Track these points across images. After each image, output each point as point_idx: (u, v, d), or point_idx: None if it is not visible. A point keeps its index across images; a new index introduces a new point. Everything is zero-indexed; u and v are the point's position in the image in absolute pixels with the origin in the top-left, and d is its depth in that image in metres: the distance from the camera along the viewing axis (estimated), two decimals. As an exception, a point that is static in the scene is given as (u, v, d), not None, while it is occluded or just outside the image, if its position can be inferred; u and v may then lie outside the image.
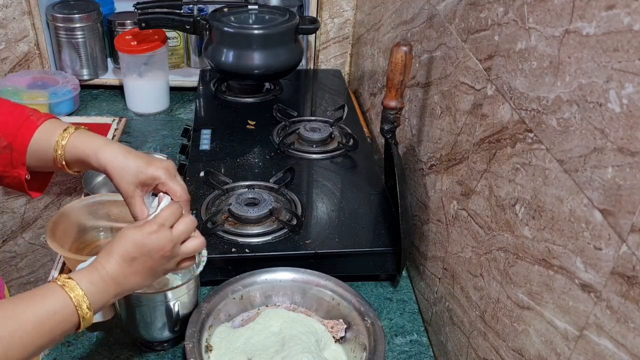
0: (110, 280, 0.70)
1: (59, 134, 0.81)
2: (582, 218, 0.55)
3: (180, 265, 0.78)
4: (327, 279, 0.95)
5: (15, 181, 0.84)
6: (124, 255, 0.71)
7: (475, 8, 0.81)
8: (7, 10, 1.61)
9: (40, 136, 0.82)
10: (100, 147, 0.80)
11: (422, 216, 1.05)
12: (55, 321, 0.65)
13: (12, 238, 2.03)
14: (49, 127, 0.82)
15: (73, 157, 0.81)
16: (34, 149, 0.82)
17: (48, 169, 0.86)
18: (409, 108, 1.13)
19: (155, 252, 0.72)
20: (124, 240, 0.72)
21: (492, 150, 0.75)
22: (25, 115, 0.83)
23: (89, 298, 0.67)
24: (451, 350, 0.91)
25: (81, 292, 0.67)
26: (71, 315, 0.66)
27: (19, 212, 2.00)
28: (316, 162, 1.27)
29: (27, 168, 0.83)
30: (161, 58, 1.55)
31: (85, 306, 0.67)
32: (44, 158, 0.82)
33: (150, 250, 0.72)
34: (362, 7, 1.62)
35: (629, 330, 0.48)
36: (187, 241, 0.77)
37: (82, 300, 0.66)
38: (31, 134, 0.81)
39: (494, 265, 0.75)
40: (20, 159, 0.82)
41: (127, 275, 0.71)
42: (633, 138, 0.48)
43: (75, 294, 0.66)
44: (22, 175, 0.83)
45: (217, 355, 0.87)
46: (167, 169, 0.80)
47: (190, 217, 0.78)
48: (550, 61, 0.60)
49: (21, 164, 0.82)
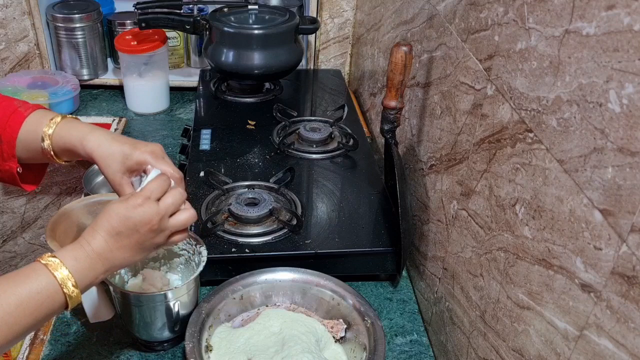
0: (96, 256, 0.68)
1: (45, 124, 0.80)
2: (582, 218, 0.55)
3: (171, 239, 0.76)
4: (327, 279, 0.95)
5: (8, 175, 0.83)
6: (109, 230, 0.69)
7: (475, 8, 0.81)
8: (7, 10, 1.61)
9: (28, 127, 0.80)
10: (85, 135, 0.79)
11: (422, 216, 1.05)
12: (39, 301, 0.63)
13: (12, 238, 2.03)
14: (37, 118, 0.81)
15: (60, 147, 0.80)
16: (22, 141, 0.81)
17: (39, 160, 0.84)
18: (409, 108, 1.13)
19: (141, 226, 0.70)
20: (108, 215, 0.70)
21: (492, 150, 0.75)
22: (13, 107, 0.82)
23: (74, 276, 0.65)
24: (451, 350, 0.91)
25: (66, 270, 0.65)
26: (56, 294, 0.65)
27: (19, 212, 2.00)
28: (316, 162, 1.27)
29: (19, 161, 0.82)
30: (161, 58, 1.55)
31: (71, 284, 0.65)
32: (33, 149, 0.81)
33: (136, 223, 0.70)
34: (362, 7, 1.62)
35: (629, 330, 0.48)
36: (177, 214, 0.75)
37: (67, 279, 0.65)
38: (19, 126, 0.80)
39: (494, 265, 0.75)
40: (11, 152, 0.81)
41: (114, 250, 0.69)
42: (633, 138, 0.48)
43: (60, 272, 0.65)
44: (14, 168, 0.82)
45: (217, 355, 0.87)
46: (154, 152, 0.79)
47: (178, 190, 0.76)
48: (550, 61, 0.60)
49: (12, 157, 0.81)
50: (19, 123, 0.81)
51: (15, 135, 0.81)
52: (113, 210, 0.71)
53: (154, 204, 0.72)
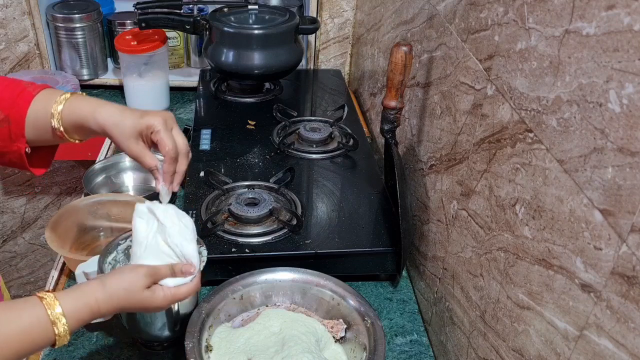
0: (97, 311, 0.69)
1: (54, 101, 0.80)
2: (582, 218, 0.55)
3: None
4: (327, 279, 0.95)
5: (16, 156, 0.83)
6: (119, 306, 0.71)
7: (475, 8, 0.81)
8: (7, 10, 1.61)
9: (37, 106, 0.80)
10: (96, 108, 0.79)
11: (422, 216, 1.05)
12: (31, 336, 0.64)
13: (12, 238, 2.04)
14: (45, 96, 0.81)
15: (71, 123, 0.80)
16: (31, 120, 0.80)
17: (48, 141, 0.84)
18: (409, 108, 1.13)
19: (150, 307, 0.73)
20: (122, 291, 0.70)
21: (492, 150, 0.75)
22: (21, 87, 0.82)
23: (67, 318, 0.65)
24: (451, 350, 0.91)
25: (60, 310, 0.65)
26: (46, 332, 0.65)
27: (19, 212, 2.00)
28: (316, 162, 1.27)
29: (27, 142, 0.82)
30: (161, 58, 1.55)
31: (61, 324, 0.65)
32: (42, 127, 0.81)
33: (147, 307, 0.73)
34: (362, 7, 1.62)
35: (629, 330, 0.48)
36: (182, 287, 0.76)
37: (58, 319, 0.65)
38: (28, 104, 0.80)
39: (494, 265, 0.75)
40: (19, 131, 0.80)
41: (112, 310, 0.71)
42: (633, 138, 0.48)
43: (52, 312, 0.65)
44: (22, 148, 0.82)
45: (217, 355, 0.87)
46: (164, 118, 0.79)
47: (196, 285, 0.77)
48: (550, 61, 0.60)
49: (20, 137, 0.81)
50: (28, 102, 0.80)
51: (24, 114, 0.80)
52: (134, 291, 0.71)
53: (170, 297, 0.74)
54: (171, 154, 0.79)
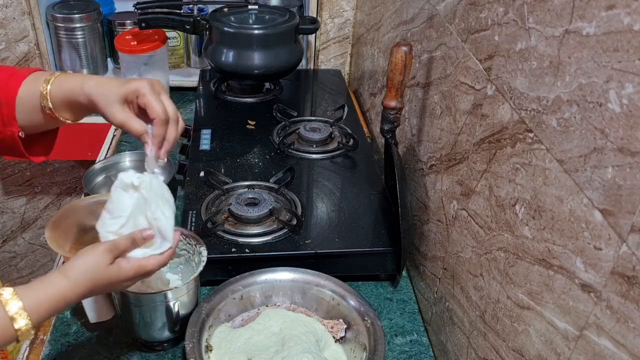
0: (62, 301, 0.69)
1: (43, 80, 0.79)
2: (582, 218, 0.55)
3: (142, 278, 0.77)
4: (327, 279, 0.95)
5: (10, 141, 0.82)
6: (84, 290, 0.70)
7: (475, 8, 0.81)
8: (7, 10, 1.61)
9: (27, 87, 0.80)
10: (84, 80, 0.78)
11: (422, 216, 1.05)
12: None
13: (12, 238, 2.04)
14: (35, 77, 0.81)
15: (60, 100, 0.79)
16: (22, 101, 0.80)
17: (40, 124, 0.83)
18: (409, 108, 1.13)
19: (119, 283, 0.73)
20: (86, 274, 0.70)
21: (492, 150, 0.75)
22: (11, 70, 0.82)
23: (28, 313, 0.65)
24: (451, 350, 0.91)
25: (20, 304, 0.65)
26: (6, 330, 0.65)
27: (19, 212, 2.00)
28: (316, 162, 1.27)
29: (21, 127, 0.81)
30: (161, 58, 1.55)
31: (23, 319, 0.65)
32: (32, 108, 0.80)
33: (113, 284, 0.72)
34: (362, 7, 1.62)
35: (629, 330, 0.48)
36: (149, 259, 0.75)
37: (19, 315, 0.64)
38: (18, 86, 0.80)
39: (494, 265, 0.75)
40: (11, 114, 0.80)
41: (81, 296, 0.70)
42: (633, 138, 0.48)
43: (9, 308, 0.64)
44: (15, 132, 0.81)
45: (217, 355, 0.87)
46: (152, 83, 0.77)
47: (166, 257, 0.76)
48: (550, 61, 0.60)
49: (12, 119, 0.80)
50: (18, 84, 0.80)
51: (14, 95, 0.79)
52: (98, 270, 0.71)
53: (137, 267, 0.73)
54: (161, 116, 0.76)
